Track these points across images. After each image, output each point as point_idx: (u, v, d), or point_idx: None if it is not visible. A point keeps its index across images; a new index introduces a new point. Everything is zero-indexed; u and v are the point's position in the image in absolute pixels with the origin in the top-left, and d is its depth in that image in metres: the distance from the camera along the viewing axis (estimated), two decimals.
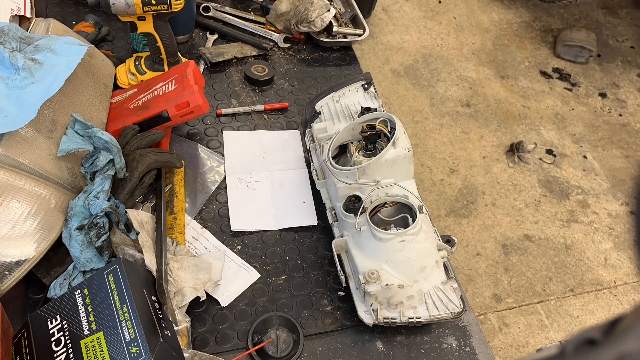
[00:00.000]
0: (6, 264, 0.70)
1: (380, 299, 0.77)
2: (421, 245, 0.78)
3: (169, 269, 0.76)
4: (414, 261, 0.77)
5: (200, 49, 1.19)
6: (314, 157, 0.94)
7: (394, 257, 0.77)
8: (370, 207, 0.81)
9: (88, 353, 0.62)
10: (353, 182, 0.83)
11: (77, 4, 1.23)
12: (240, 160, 1.01)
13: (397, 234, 0.78)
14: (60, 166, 0.78)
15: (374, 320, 0.77)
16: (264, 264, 0.87)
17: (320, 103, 0.98)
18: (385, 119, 0.86)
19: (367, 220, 0.80)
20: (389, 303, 0.77)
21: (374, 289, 0.75)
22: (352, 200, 0.83)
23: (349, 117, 0.95)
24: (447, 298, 0.78)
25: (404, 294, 0.76)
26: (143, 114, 0.92)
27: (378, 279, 0.75)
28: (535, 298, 1.96)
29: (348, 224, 0.83)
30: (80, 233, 0.73)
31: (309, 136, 0.97)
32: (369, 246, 0.79)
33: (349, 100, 0.97)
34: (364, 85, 0.99)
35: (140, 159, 0.83)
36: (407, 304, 0.77)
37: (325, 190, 0.92)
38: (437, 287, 0.78)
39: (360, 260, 0.79)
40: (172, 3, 0.95)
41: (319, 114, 0.97)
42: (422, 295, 0.77)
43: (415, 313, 0.77)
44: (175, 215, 0.88)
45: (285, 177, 0.99)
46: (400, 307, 0.77)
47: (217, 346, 0.76)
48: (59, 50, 0.82)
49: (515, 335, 1.86)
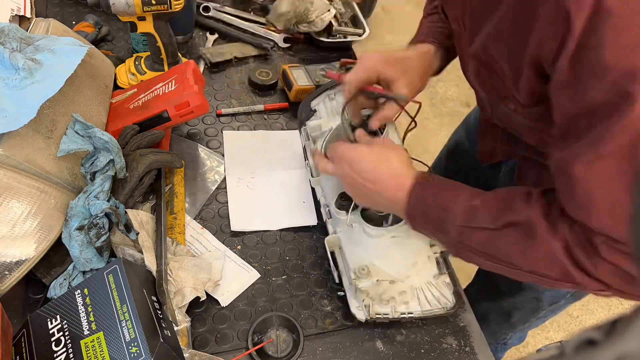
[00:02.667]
0: (6, 264, 0.70)
1: (372, 295, 0.77)
2: (412, 241, 0.78)
3: (169, 269, 0.76)
4: (406, 257, 0.77)
5: (200, 49, 1.19)
6: (309, 154, 0.94)
7: (385, 253, 0.77)
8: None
9: (88, 353, 0.62)
10: None
11: (77, 4, 1.23)
12: (240, 160, 1.00)
13: (387, 230, 0.78)
14: (60, 166, 0.78)
15: (366, 315, 0.77)
16: (263, 264, 0.87)
17: (316, 101, 0.98)
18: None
19: (358, 217, 0.80)
20: (380, 299, 0.77)
21: (364, 285, 0.75)
22: (344, 198, 0.83)
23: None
24: (440, 293, 0.78)
25: (396, 290, 0.77)
26: (143, 114, 0.92)
27: (369, 274, 0.75)
28: None
29: (340, 221, 0.83)
30: (80, 233, 0.73)
31: (304, 134, 0.97)
32: (360, 242, 0.80)
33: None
34: None
35: (140, 159, 0.83)
36: (399, 299, 0.77)
37: (320, 187, 0.92)
38: (430, 282, 0.79)
39: (352, 257, 0.79)
40: (172, 3, 0.95)
41: (315, 112, 0.97)
42: (414, 291, 0.78)
43: (408, 308, 0.78)
44: (175, 215, 0.88)
45: (286, 176, 0.99)
46: (392, 302, 0.77)
47: (217, 346, 0.76)
48: (59, 51, 0.82)
49: None
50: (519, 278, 0.66)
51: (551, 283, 0.63)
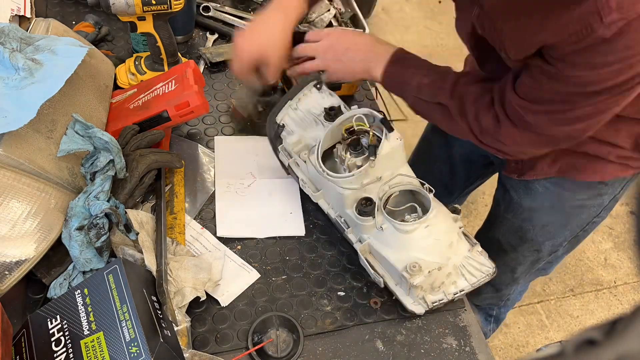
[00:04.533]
0: (6, 264, 0.70)
1: (425, 287, 0.79)
2: (443, 225, 0.81)
3: (169, 269, 0.76)
4: (442, 241, 0.80)
5: (200, 49, 1.19)
6: (298, 171, 0.90)
7: (424, 244, 0.79)
8: (382, 204, 0.82)
9: (88, 353, 0.62)
10: (359, 185, 0.82)
11: (77, 4, 1.23)
12: (230, 165, 0.99)
13: (420, 222, 0.79)
14: (60, 166, 0.78)
15: (425, 308, 0.80)
16: (263, 263, 0.87)
17: (280, 115, 0.94)
18: (360, 115, 0.83)
19: (386, 218, 0.80)
20: (432, 287, 0.80)
21: (419, 280, 0.76)
22: (363, 204, 0.82)
23: (315, 121, 0.92)
24: (478, 263, 0.82)
25: (444, 274, 0.79)
26: (143, 114, 0.92)
27: (420, 270, 0.76)
28: (535, 298, 1.96)
29: (366, 227, 0.82)
30: (80, 233, 0.73)
31: (282, 153, 0.93)
32: (396, 241, 0.80)
33: (307, 105, 0.94)
34: (315, 85, 0.95)
35: (140, 159, 0.83)
36: (447, 281, 0.81)
37: (324, 201, 0.90)
38: (467, 256, 0.82)
39: (393, 258, 0.79)
40: (172, 3, 0.95)
41: (283, 126, 0.93)
42: (457, 269, 0.81)
43: (457, 287, 0.81)
44: (175, 215, 0.88)
45: (275, 185, 0.97)
46: (443, 287, 0.81)
47: (217, 346, 0.76)
48: (59, 51, 0.82)
49: (515, 335, 1.86)
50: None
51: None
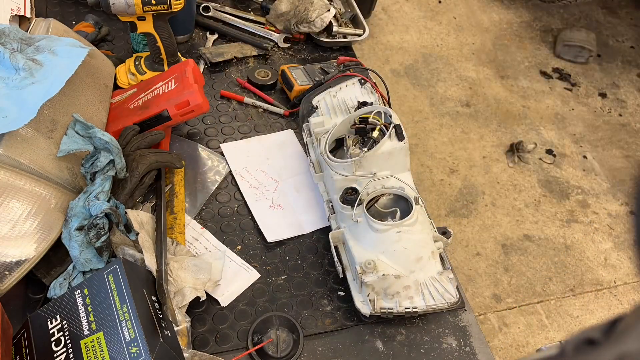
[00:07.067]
0: (6, 264, 0.70)
1: (377, 289, 0.77)
2: (417, 236, 0.79)
3: (169, 269, 0.76)
4: (410, 252, 0.77)
5: (200, 49, 1.19)
6: (311, 150, 0.95)
7: (390, 248, 0.78)
8: (367, 199, 0.82)
9: (88, 353, 0.62)
10: (350, 174, 0.84)
11: (77, 4, 1.23)
12: (247, 172, 1.00)
13: (393, 224, 0.78)
14: (60, 166, 0.78)
15: (371, 310, 0.77)
16: (263, 264, 0.87)
17: (317, 98, 0.99)
18: (380, 112, 0.87)
19: (364, 212, 0.80)
20: (385, 293, 0.78)
21: (370, 279, 0.76)
22: (348, 192, 0.84)
23: (346, 111, 0.96)
24: (444, 288, 0.78)
25: (401, 284, 0.77)
26: (143, 113, 0.92)
27: (375, 269, 0.76)
28: (535, 298, 1.96)
29: (345, 216, 0.84)
30: (80, 233, 0.73)
31: (306, 130, 0.97)
32: (365, 237, 0.80)
33: (345, 95, 0.98)
34: (360, 80, 0.99)
35: (141, 159, 0.83)
36: (403, 294, 0.77)
37: (322, 183, 0.92)
38: (434, 277, 0.79)
39: (357, 251, 0.79)
40: (172, 3, 0.95)
41: (317, 108, 0.98)
42: (418, 286, 0.78)
43: (412, 303, 0.78)
44: (175, 215, 0.88)
45: (298, 182, 0.99)
46: (397, 297, 0.78)
47: (217, 346, 0.76)
48: (60, 52, 0.82)
49: (515, 335, 1.86)
50: None
51: None
